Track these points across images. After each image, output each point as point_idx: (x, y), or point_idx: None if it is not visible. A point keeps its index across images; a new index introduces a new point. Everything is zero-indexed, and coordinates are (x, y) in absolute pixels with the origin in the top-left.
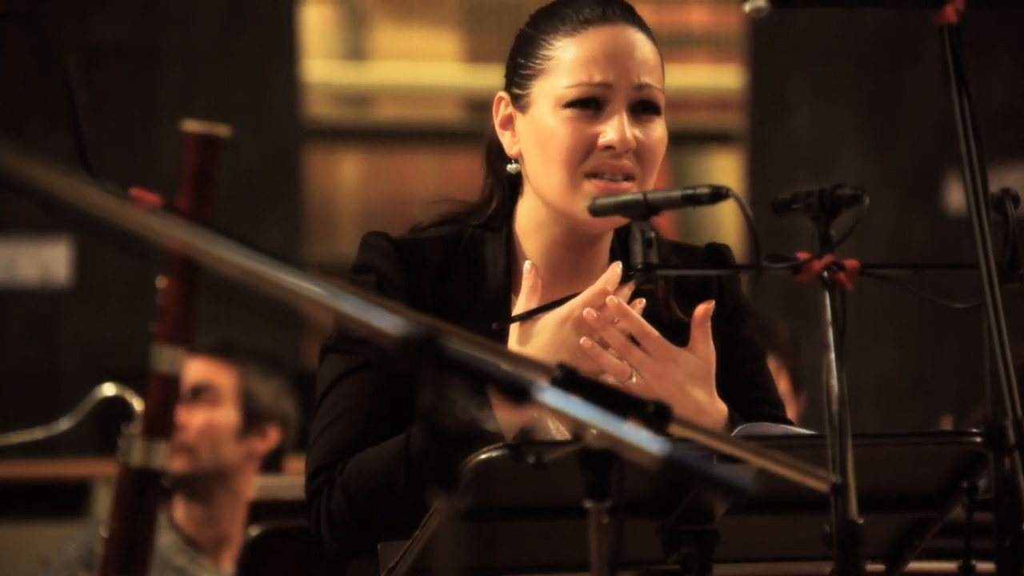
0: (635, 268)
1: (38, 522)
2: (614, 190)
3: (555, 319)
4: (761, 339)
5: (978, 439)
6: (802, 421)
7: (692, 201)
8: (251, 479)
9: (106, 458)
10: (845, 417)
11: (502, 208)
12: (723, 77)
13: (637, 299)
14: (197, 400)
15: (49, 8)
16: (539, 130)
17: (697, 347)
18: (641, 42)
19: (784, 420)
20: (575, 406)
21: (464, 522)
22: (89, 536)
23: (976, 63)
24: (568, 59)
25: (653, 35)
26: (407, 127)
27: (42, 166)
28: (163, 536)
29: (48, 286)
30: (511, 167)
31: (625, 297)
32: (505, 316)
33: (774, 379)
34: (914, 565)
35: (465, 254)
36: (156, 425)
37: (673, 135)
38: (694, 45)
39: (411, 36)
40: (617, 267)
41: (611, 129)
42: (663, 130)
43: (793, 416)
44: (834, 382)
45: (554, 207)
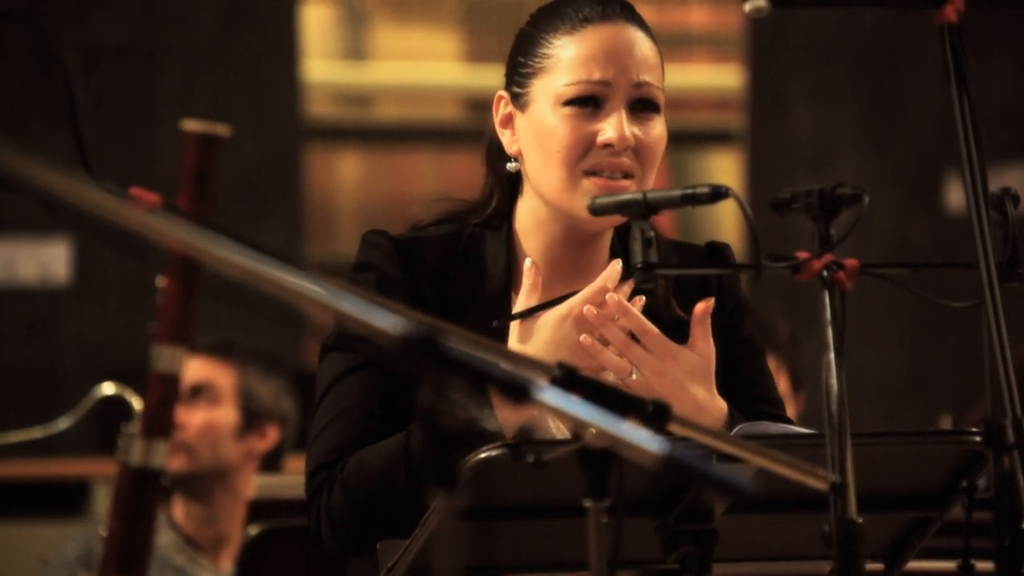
0: (635, 267)
1: (37, 521)
2: (613, 188)
3: (555, 316)
4: (761, 338)
5: (977, 438)
6: (802, 420)
7: (692, 200)
8: (250, 478)
9: (105, 457)
10: (844, 416)
11: (502, 207)
12: (723, 77)
13: (637, 296)
14: (196, 399)
15: (49, 8)
16: (538, 128)
17: (697, 344)
18: (640, 40)
19: (784, 419)
20: (574, 405)
21: (463, 521)
22: (88, 535)
23: (976, 63)
24: (567, 57)
25: (653, 34)
26: (407, 127)
27: (42, 166)
28: (162, 535)
29: (48, 286)
30: (511, 165)
31: (625, 294)
32: (505, 314)
33: (774, 378)
34: (913, 564)
35: (465, 252)
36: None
37: (673, 135)
38: (694, 45)
39: (411, 36)
40: (617, 264)
41: (610, 127)
42: (662, 128)
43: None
44: (833, 381)
45: (553, 205)
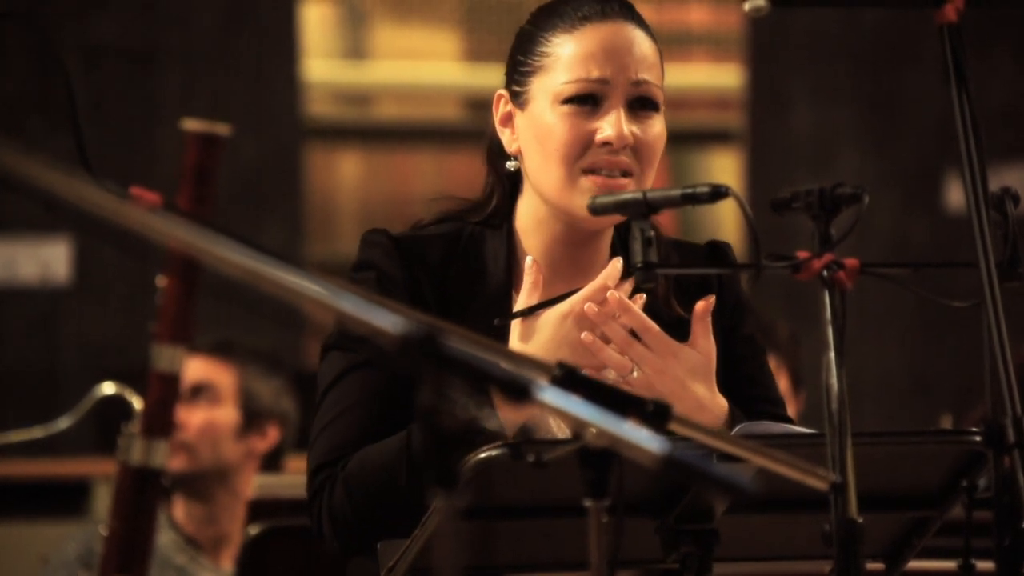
0: (634, 267)
1: (38, 521)
2: (611, 186)
3: (556, 315)
4: (761, 338)
5: (978, 438)
6: (802, 420)
7: (692, 200)
8: (251, 478)
9: (106, 457)
10: (845, 416)
11: (502, 205)
12: (723, 76)
13: (637, 294)
14: (197, 399)
15: (49, 8)
16: (537, 126)
17: (698, 342)
18: (640, 39)
19: (785, 418)
20: (575, 405)
21: (464, 521)
22: (89, 535)
23: (976, 63)
24: (566, 55)
25: (653, 32)
26: (407, 126)
27: (42, 166)
28: (163, 535)
29: (48, 285)
30: (510, 164)
31: (626, 292)
32: (506, 313)
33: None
34: (914, 564)
35: (466, 251)
36: (156, 424)
37: (673, 134)
38: (694, 44)
39: (411, 35)
40: (618, 263)
41: (608, 125)
42: (662, 127)
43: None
44: (834, 381)
45: (552, 203)
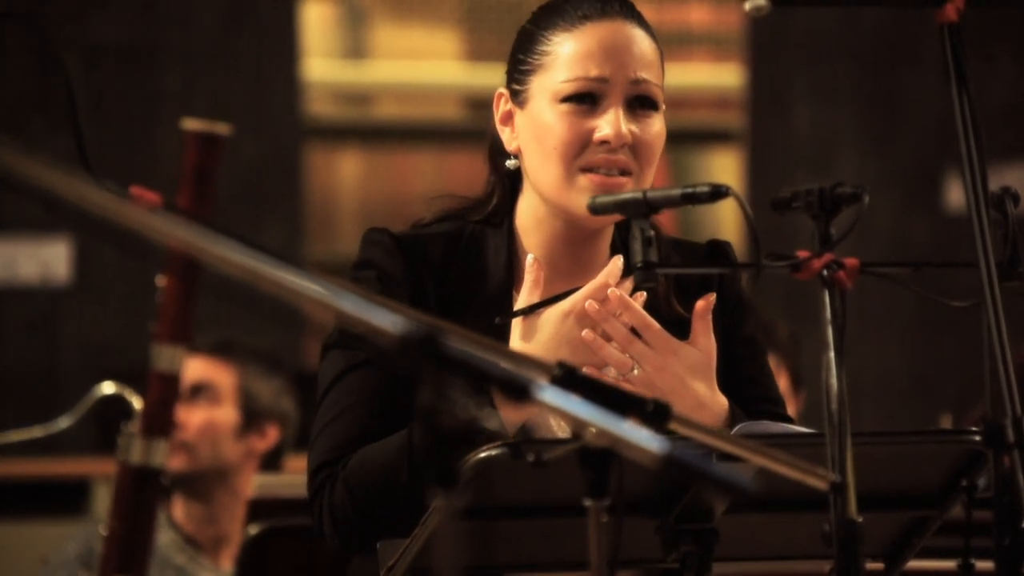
0: (634, 266)
1: (37, 521)
2: (609, 185)
3: (558, 313)
4: (761, 337)
5: (977, 438)
6: (802, 420)
7: (692, 199)
8: (250, 478)
9: (105, 456)
10: (845, 416)
11: (503, 204)
12: (723, 76)
13: (637, 292)
14: (196, 399)
15: (49, 8)
16: (536, 125)
17: (698, 340)
18: (639, 38)
19: (785, 418)
20: (575, 404)
21: (463, 520)
22: (88, 534)
23: (976, 63)
24: (565, 54)
25: (653, 31)
26: (407, 126)
27: (42, 166)
28: (162, 535)
29: (48, 285)
30: (510, 163)
31: (626, 290)
32: (507, 311)
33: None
34: (913, 564)
35: (466, 250)
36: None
37: (673, 134)
38: (694, 44)
39: (411, 35)
40: (618, 261)
41: (606, 124)
42: (661, 126)
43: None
44: (834, 381)
45: (551, 202)
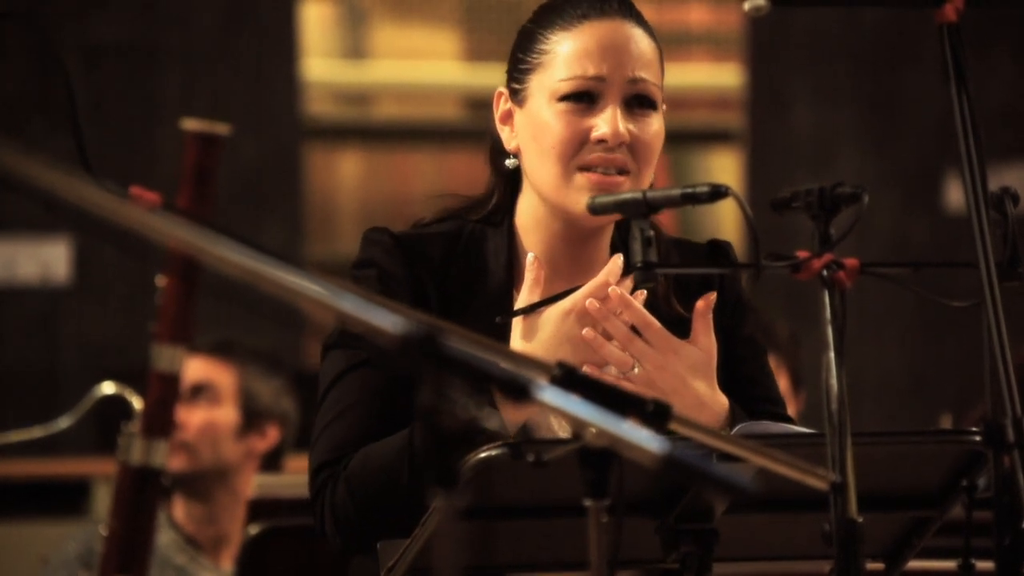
0: (634, 266)
1: (38, 521)
2: (606, 183)
3: (558, 312)
4: (761, 337)
5: (978, 438)
6: (802, 420)
7: (691, 200)
8: (251, 478)
9: (106, 457)
10: (845, 416)
11: (503, 203)
12: (723, 76)
13: (638, 291)
14: (197, 399)
15: (49, 8)
16: (534, 124)
17: (699, 339)
18: (638, 37)
19: (785, 418)
20: (574, 404)
21: (464, 520)
22: (89, 534)
23: (976, 63)
24: (563, 53)
25: (653, 31)
26: (407, 126)
27: (42, 166)
28: (163, 535)
29: (48, 285)
30: (510, 162)
31: (627, 289)
32: (507, 311)
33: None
34: (913, 564)
35: (467, 249)
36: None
37: (673, 134)
38: (694, 44)
39: (411, 35)
40: (618, 259)
41: (603, 122)
42: (659, 125)
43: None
44: (834, 381)
45: (549, 201)
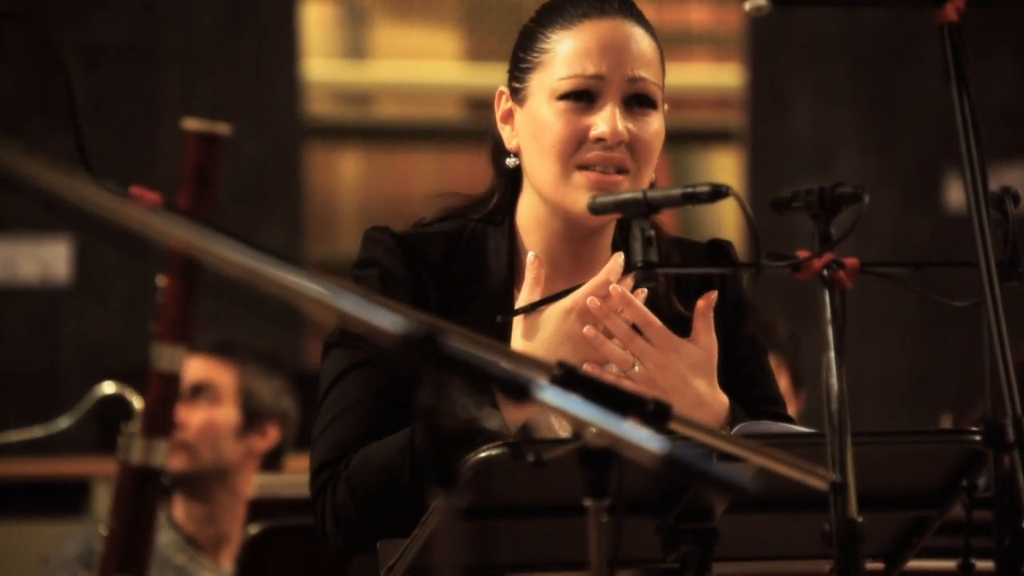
0: (634, 266)
1: (38, 520)
2: (605, 182)
3: (559, 310)
4: (762, 337)
5: (978, 437)
6: (802, 420)
7: (692, 199)
8: (251, 477)
9: (106, 456)
10: (845, 415)
11: (504, 202)
12: (723, 76)
13: (638, 289)
14: (197, 399)
15: (49, 8)
16: (534, 123)
17: (699, 338)
18: (638, 36)
19: (786, 418)
20: (575, 404)
21: (463, 520)
22: (88, 534)
23: (976, 63)
24: (563, 52)
25: (654, 30)
26: (407, 125)
27: (42, 166)
28: (163, 534)
29: (48, 285)
30: (510, 161)
31: (627, 287)
32: (508, 310)
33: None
34: (913, 563)
35: (467, 248)
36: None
37: (673, 133)
38: (694, 43)
39: (411, 34)
40: (619, 258)
41: (602, 121)
42: (659, 124)
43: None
44: (834, 380)
45: (548, 200)
